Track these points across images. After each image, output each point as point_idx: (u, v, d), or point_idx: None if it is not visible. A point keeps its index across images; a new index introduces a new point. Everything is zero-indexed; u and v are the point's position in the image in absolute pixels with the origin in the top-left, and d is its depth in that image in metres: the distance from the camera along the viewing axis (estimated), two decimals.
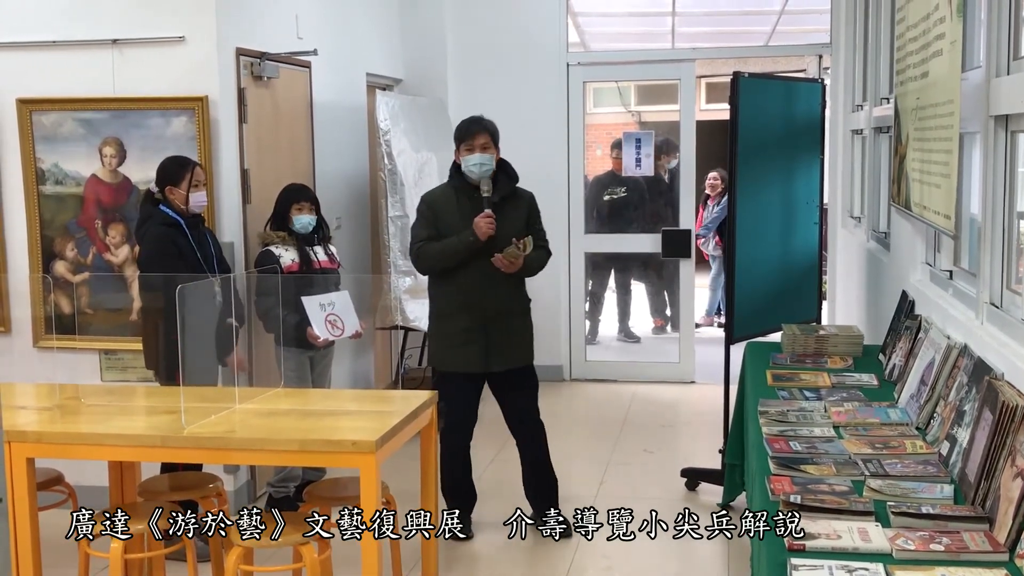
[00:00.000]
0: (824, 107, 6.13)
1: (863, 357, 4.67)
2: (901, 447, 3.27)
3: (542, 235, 5.17)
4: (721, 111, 13.17)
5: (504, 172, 5.08)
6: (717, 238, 10.76)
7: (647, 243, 8.50)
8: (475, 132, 4.98)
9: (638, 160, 8.46)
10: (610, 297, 9.88)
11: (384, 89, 7.65)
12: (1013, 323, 3.14)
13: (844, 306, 7.08)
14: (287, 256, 5.27)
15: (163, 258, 4.64)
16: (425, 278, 6.68)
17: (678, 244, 8.12)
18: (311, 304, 5.15)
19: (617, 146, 9.57)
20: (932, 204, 3.78)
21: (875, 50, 6.15)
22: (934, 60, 3.76)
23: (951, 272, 4.08)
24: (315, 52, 5.88)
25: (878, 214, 6.07)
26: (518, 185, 5.14)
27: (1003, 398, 2.70)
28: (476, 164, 4.95)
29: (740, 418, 5.03)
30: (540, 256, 5.14)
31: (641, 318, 10.14)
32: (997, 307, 3.33)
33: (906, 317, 4.38)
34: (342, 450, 3.56)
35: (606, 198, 9.20)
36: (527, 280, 5.19)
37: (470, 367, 5.03)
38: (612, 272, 9.73)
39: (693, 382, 8.25)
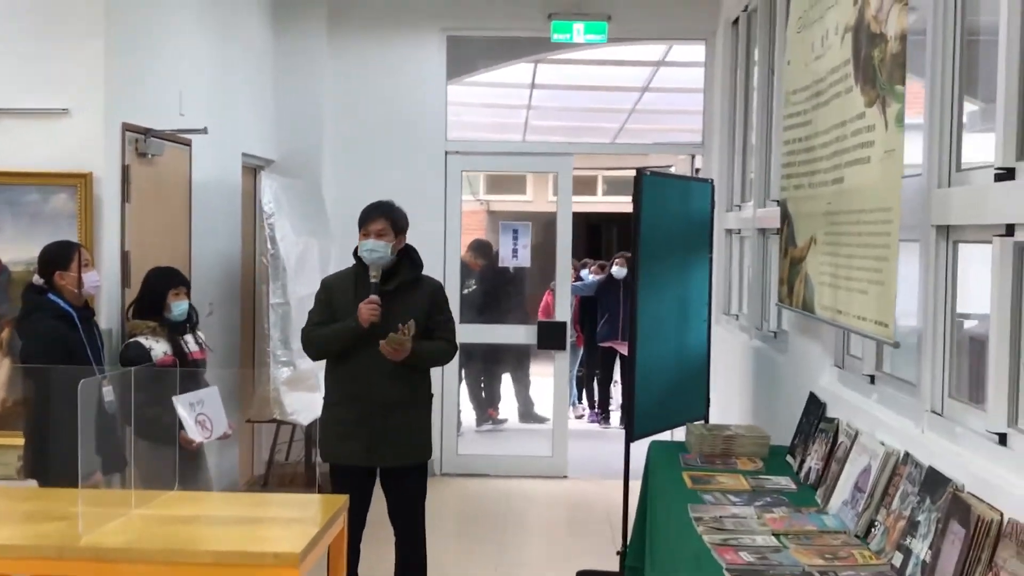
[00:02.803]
0: (713, 206, 6.21)
1: (770, 458, 4.66)
2: (851, 558, 3.22)
3: (446, 326, 4.97)
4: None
5: (409, 258, 4.95)
6: (578, 331, 10.77)
7: (522, 334, 8.40)
8: (373, 217, 4.86)
9: (515, 251, 8.40)
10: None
11: (258, 169, 7.39)
12: (963, 433, 3.14)
13: (723, 404, 7.09)
14: (158, 348, 4.83)
15: (48, 356, 4.23)
16: (307, 368, 6.43)
17: (553, 336, 8.07)
18: (182, 404, 4.74)
19: (473, 248, 9.39)
20: (853, 310, 3.80)
21: (762, 152, 6.27)
22: (855, 167, 3.80)
23: (873, 376, 4.10)
24: (205, 131, 5.61)
25: (764, 313, 6.14)
26: (425, 274, 4.99)
27: (978, 512, 2.68)
28: (368, 250, 4.81)
29: (643, 519, 4.93)
30: (439, 347, 4.92)
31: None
32: (939, 414, 3.34)
33: (819, 420, 4.38)
34: (263, 563, 3.26)
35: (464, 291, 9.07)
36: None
37: (353, 460, 4.81)
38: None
39: (566, 477, 8.14)
